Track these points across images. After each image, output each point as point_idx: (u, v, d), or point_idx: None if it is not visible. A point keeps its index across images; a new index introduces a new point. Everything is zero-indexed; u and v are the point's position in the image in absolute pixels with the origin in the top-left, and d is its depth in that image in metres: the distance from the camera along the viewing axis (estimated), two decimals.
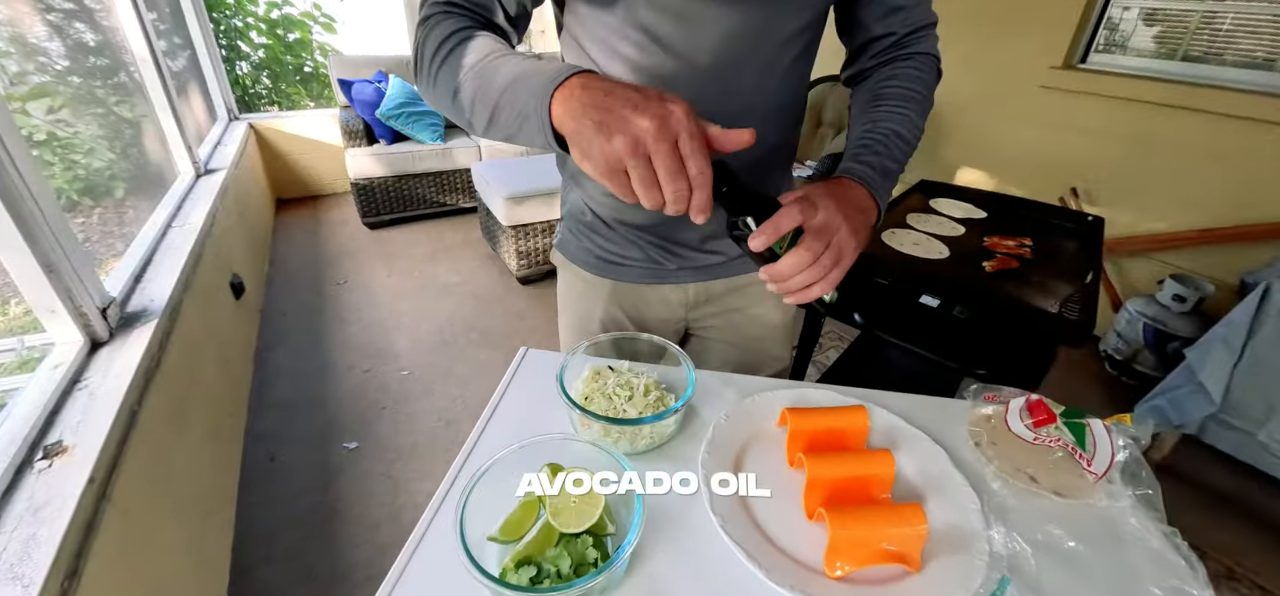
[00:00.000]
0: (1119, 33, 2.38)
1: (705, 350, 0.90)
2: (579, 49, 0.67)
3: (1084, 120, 2.37)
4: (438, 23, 0.57)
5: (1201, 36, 2.16)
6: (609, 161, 0.43)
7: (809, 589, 0.45)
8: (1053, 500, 0.56)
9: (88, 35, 1.90)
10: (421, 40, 0.58)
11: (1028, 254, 1.18)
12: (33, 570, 0.77)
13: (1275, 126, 1.93)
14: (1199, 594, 0.47)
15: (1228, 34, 2.10)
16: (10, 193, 1.03)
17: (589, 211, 0.80)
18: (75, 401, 1.07)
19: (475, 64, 0.53)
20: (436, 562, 0.50)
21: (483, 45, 0.54)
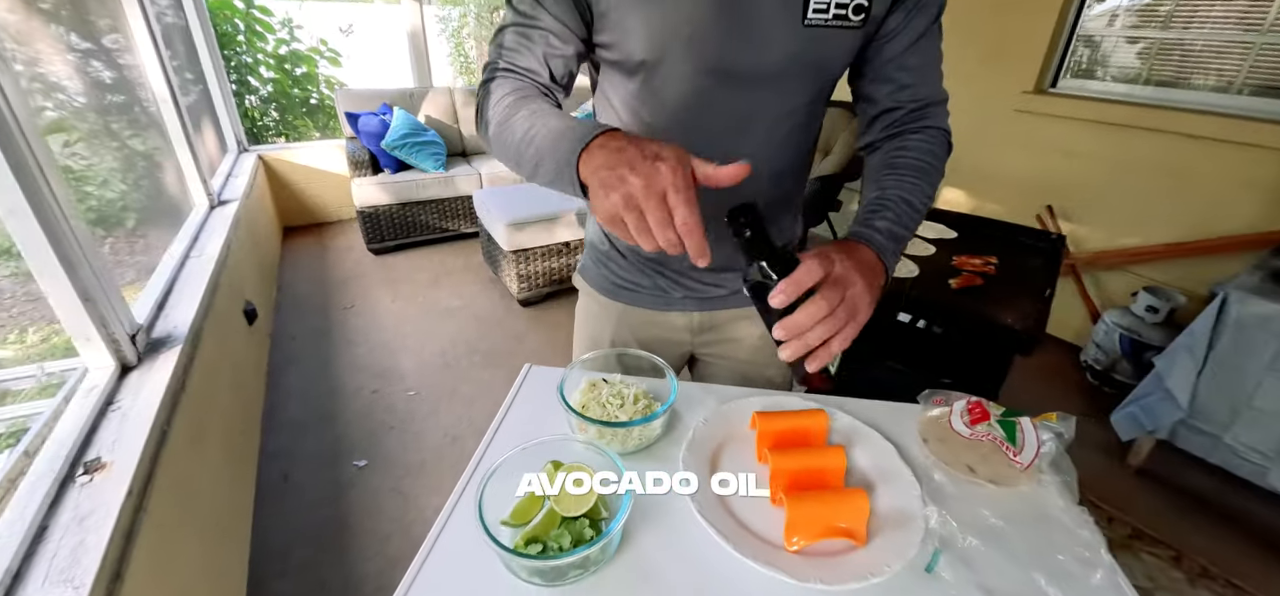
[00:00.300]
0: (1087, 58, 2.51)
1: (709, 374, 0.99)
2: (608, 106, 0.77)
3: (1057, 142, 2.50)
4: (497, 84, 0.68)
5: (1170, 60, 2.29)
6: (609, 214, 0.49)
7: (771, 560, 0.54)
8: (988, 487, 0.65)
9: (106, 73, 2.01)
10: (482, 99, 0.69)
11: (992, 271, 1.28)
12: (82, 574, 0.85)
13: (1235, 145, 2.05)
14: (1098, 557, 0.55)
15: (1197, 58, 2.23)
16: (53, 228, 1.12)
17: (606, 240, 0.90)
18: (110, 421, 1.16)
19: (526, 123, 0.61)
20: (451, 563, 0.57)
21: (533, 107, 0.63)
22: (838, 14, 0.63)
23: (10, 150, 1.02)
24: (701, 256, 0.49)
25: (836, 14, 0.63)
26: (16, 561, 0.85)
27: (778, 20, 0.63)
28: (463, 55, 7.05)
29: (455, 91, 3.83)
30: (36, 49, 1.62)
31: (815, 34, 0.64)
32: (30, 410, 1.30)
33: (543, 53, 0.67)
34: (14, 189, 1.04)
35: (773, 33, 0.64)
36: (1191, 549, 1.68)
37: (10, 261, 1.83)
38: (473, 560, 0.56)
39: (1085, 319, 2.56)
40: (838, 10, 0.63)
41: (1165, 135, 2.20)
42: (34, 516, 0.91)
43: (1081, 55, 2.52)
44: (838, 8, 0.63)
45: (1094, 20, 2.45)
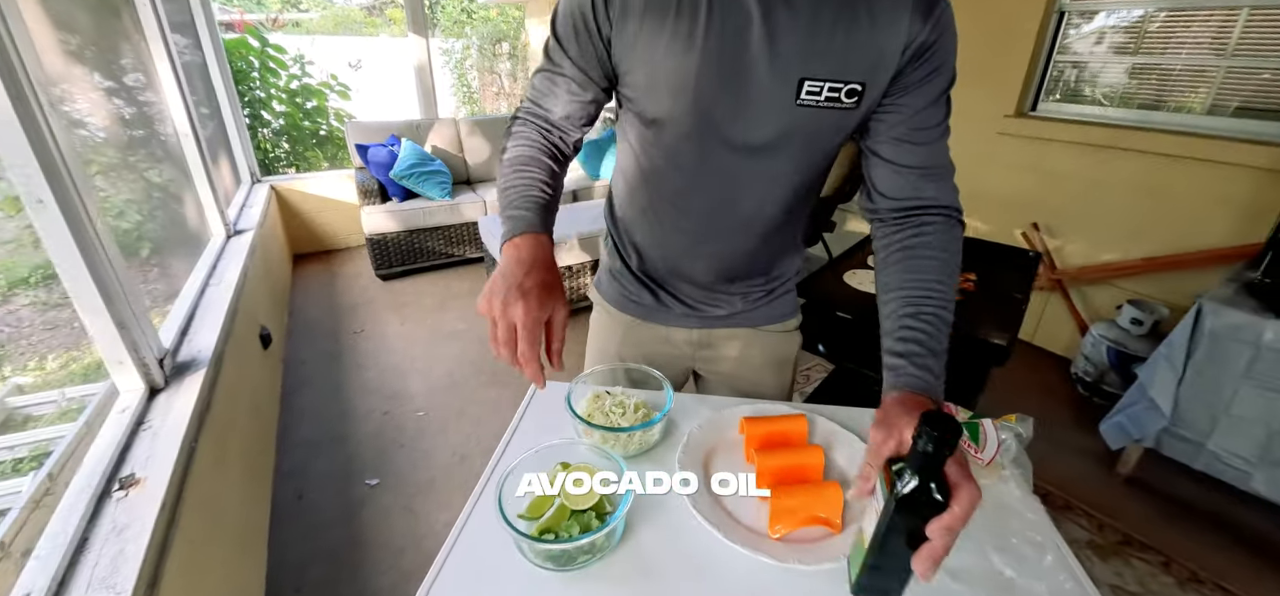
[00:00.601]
0: (1066, 82, 2.62)
1: (709, 388, 1.07)
2: (625, 141, 0.85)
3: (1039, 162, 2.60)
4: (517, 126, 0.80)
5: (1147, 83, 2.40)
6: (480, 307, 0.63)
7: (757, 546, 0.61)
8: None
9: (127, 109, 2.10)
10: (506, 136, 0.81)
11: (971, 287, 1.36)
12: (123, 581, 0.92)
13: (1208, 164, 2.14)
14: (1049, 540, 0.62)
15: (1172, 80, 2.33)
16: (96, 262, 1.20)
17: (618, 259, 0.98)
18: (142, 440, 1.23)
19: (507, 182, 0.74)
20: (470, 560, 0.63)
21: (522, 175, 0.74)
22: (830, 97, 0.66)
23: (61, 193, 1.11)
24: (535, 380, 0.62)
25: (829, 97, 0.66)
26: (62, 568, 0.92)
27: (773, 99, 0.67)
28: (465, 85, 7.24)
29: (460, 122, 3.96)
30: (63, 88, 1.73)
31: (808, 113, 0.68)
32: (52, 434, 1.37)
33: (565, 97, 0.76)
34: (61, 224, 1.13)
35: (767, 111, 0.68)
36: (1180, 554, 1.72)
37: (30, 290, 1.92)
38: (490, 558, 0.63)
39: (1074, 333, 2.63)
40: (831, 93, 0.66)
41: (1143, 155, 2.30)
42: (76, 528, 0.98)
43: (1066, 77, 2.63)
44: (831, 91, 0.66)
45: (1073, 45, 2.56)
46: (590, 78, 0.74)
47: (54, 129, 1.14)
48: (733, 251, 0.87)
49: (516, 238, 0.67)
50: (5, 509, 1.09)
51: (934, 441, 0.44)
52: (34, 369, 1.75)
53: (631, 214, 0.91)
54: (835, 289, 1.37)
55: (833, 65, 0.65)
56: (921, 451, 0.45)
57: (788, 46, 0.64)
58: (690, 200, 0.80)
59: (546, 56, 0.77)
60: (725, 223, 0.82)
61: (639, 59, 0.69)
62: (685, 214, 0.83)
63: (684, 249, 0.88)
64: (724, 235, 0.84)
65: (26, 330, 1.84)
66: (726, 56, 0.65)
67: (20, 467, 1.34)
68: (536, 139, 0.78)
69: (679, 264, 0.91)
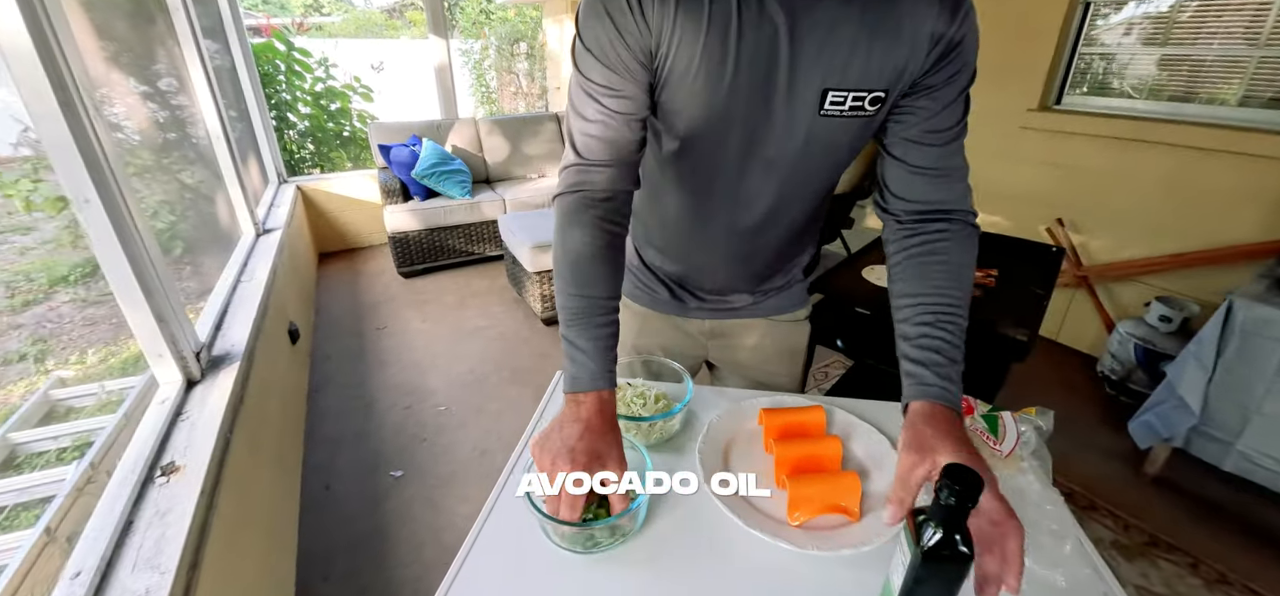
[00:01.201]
0: (1091, 75, 2.57)
1: (723, 378, 1.09)
2: (650, 151, 0.80)
3: (1063, 156, 2.55)
4: (566, 205, 0.72)
5: (1176, 74, 2.34)
6: (532, 451, 0.66)
7: (776, 533, 0.62)
8: None
9: (160, 113, 2.18)
10: (555, 216, 0.74)
11: (991, 283, 1.35)
12: (166, 561, 0.96)
13: (1239, 156, 2.09)
14: (1067, 530, 0.63)
15: (1201, 71, 2.28)
16: (137, 259, 1.25)
17: (636, 257, 1.00)
18: (180, 430, 1.28)
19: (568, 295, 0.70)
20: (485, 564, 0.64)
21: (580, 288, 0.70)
22: (854, 107, 0.66)
23: (105, 193, 1.16)
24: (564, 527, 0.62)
25: (852, 107, 0.66)
26: (110, 549, 0.96)
27: (798, 112, 0.67)
28: (484, 85, 7.32)
29: (479, 122, 4.01)
30: (103, 92, 1.80)
31: (830, 123, 0.67)
32: (93, 425, 1.43)
33: (610, 144, 0.70)
34: (105, 222, 1.18)
35: (792, 123, 0.68)
36: (1209, 555, 1.69)
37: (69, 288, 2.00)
38: (507, 561, 0.64)
39: (1100, 330, 2.58)
40: (854, 102, 0.66)
41: (1172, 148, 2.25)
42: (122, 511, 1.02)
43: (1093, 69, 2.58)
44: (855, 100, 0.65)
45: (1098, 36, 2.51)
46: (633, 98, 0.68)
47: (98, 132, 1.20)
48: (754, 255, 0.88)
49: (580, 394, 0.66)
50: (50, 496, 1.15)
51: (957, 496, 0.45)
52: (75, 363, 1.82)
53: (653, 221, 0.93)
54: (854, 285, 1.37)
55: (856, 75, 0.64)
56: (944, 504, 0.46)
57: (812, 59, 0.63)
58: (714, 210, 0.81)
59: (581, 99, 0.69)
60: (748, 230, 0.83)
61: (673, 79, 0.66)
62: (709, 223, 0.83)
63: (706, 255, 0.90)
64: (746, 241, 0.85)
65: (67, 326, 1.92)
66: (756, 71, 0.64)
67: (64, 456, 1.40)
68: (598, 228, 0.71)
69: (699, 267, 0.93)
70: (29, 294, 1.91)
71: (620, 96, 0.67)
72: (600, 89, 0.67)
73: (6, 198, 1.87)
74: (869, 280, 1.39)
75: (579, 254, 0.70)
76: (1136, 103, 2.43)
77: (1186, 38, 2.29)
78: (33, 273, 1.94)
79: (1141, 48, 2.42)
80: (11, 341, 1.76)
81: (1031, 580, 0.59)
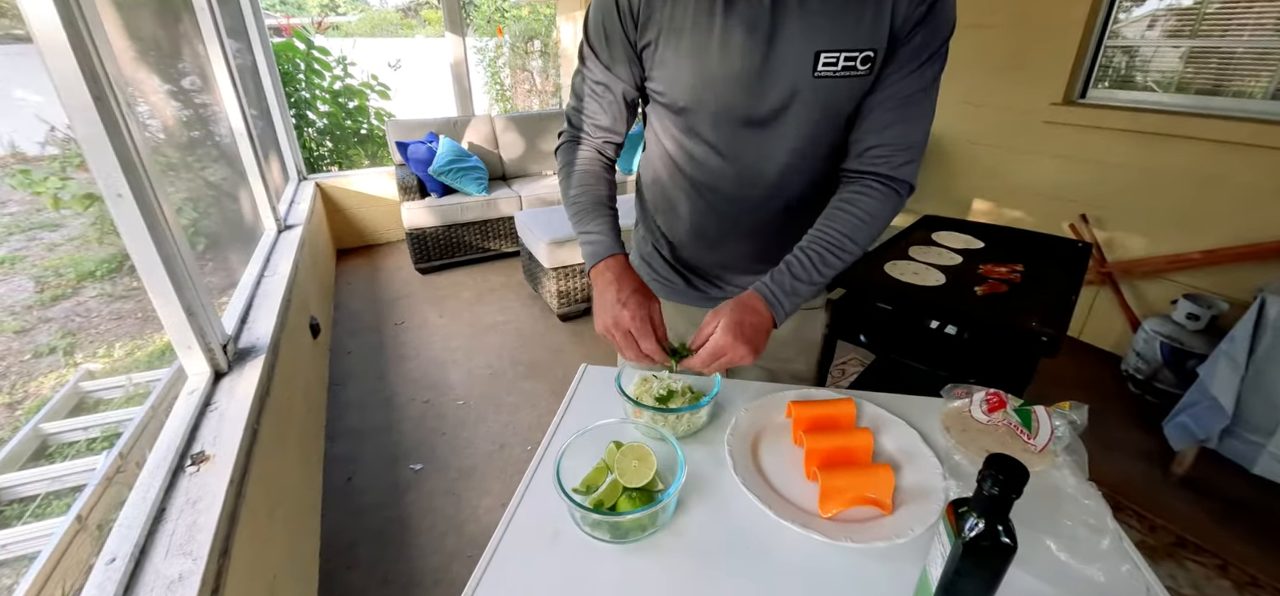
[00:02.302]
0: (1120, 68, 2.52)
1: (741, 370, 1.08)
2: (653, 133, 0.91)
3: (1088, 151, 2.51)
4: (563, 149, 0.92)
5: (1203, 67, 2.29)
6: (599, 329, 0.80)
7: (808, 524, 0.62)
8: None
9: (184, 112, 2.22)
10: (557, 157, 0.94)
11: (1017, 279, 1.33)
12: (198, 548, 0.98)
13: (1269, 150, 2.04)
14: (1104, 525, 0.62)
15: (1230, 64, 2.23)
16: (166, 252, 1.27)
17: (648, 242, 1.03)
18: (209, 420, 1.30)
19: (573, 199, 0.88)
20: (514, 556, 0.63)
21: (583, 193, 0.87)
22: (846, 67, 0.71)
23: (136, 187, 1.18)
24: (666, 365, 0.77)
25: (845, 67, 0.71)
26: (143, 536, 0.98)
27: (792, 74, 0.72)
28: (498, 83, 7.35)
29: (495, 119, 4.03)
30: (133, 90, 1.83)
31: (824, 84, 0.72)
32: (122, 416, 1.46)
33: (605, 102, 0.85)
34: (136, 216, 1.20)
35: (787, 85, 0.73)
36: (1238, 558, 1.66)
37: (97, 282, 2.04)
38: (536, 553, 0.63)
39: (1124, 328, 2.54)
40: (846, 62, 0.70)
41: (1199, 142, 2.20)
42: (155, 499, 1.04)
43: (1117, 63, 2.53)
44: (846, 61, 0.70)
45: (1124, 29, 2.47)
46: (620, 77, 0.82)
47: (130, 126, 1.22)
48: (762, 230, 0.90)
49: (600, 263, 0.81)
50: (81, 485, 1.17)
51: (1000, 486, 0.44)
52: (103, 356, 1.86)
53: (662, 204, 0.96)
54: (876, 279, 1.36)
55: (847, 37, 0.69)
56: (987, 495, 0.45)
57: (803, 21, 0.69)
58: (719, 182, 0.85)
59: (581, 62, 0.85)
60: (753, 201, 0.86)
61: (665, 48, 0.75)
62: (714, 196, 0.87)
63: (715, 232, 0.92)
64: (753, 214, 0.88)
65: (95, 320, 1.96)
66: (747, 36, 0.70)
67: (93, 446, 1.43)
68: (590, 155, 0.89)
69: (711, 248, 0.95)
70: (58, 289, 1.96)
71: (611, 72, 0.81)
72: (595, 59, 0.81)
73: (36, 195, 1.92)
74: (892, 275, 1.38)
75: (579, 170, 0.88)
76: (1163, 97, 2.38)
77: (1214, 29, 2.24)
78: (61, 268, 1.99)
79: (1168, 41, 2.37)
80: (42, 334, 1.81)
81: (1068, 576, 0.58)
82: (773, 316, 0.75)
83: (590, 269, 0.82)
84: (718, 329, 0.72)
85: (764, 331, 0.74)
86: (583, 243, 0.85)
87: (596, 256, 0.82)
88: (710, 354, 0.72)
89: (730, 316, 0.72)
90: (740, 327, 0.72)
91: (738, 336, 0.71)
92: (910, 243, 1.61)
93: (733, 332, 0.71)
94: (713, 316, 0.74)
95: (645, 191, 1.01)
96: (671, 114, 0.83)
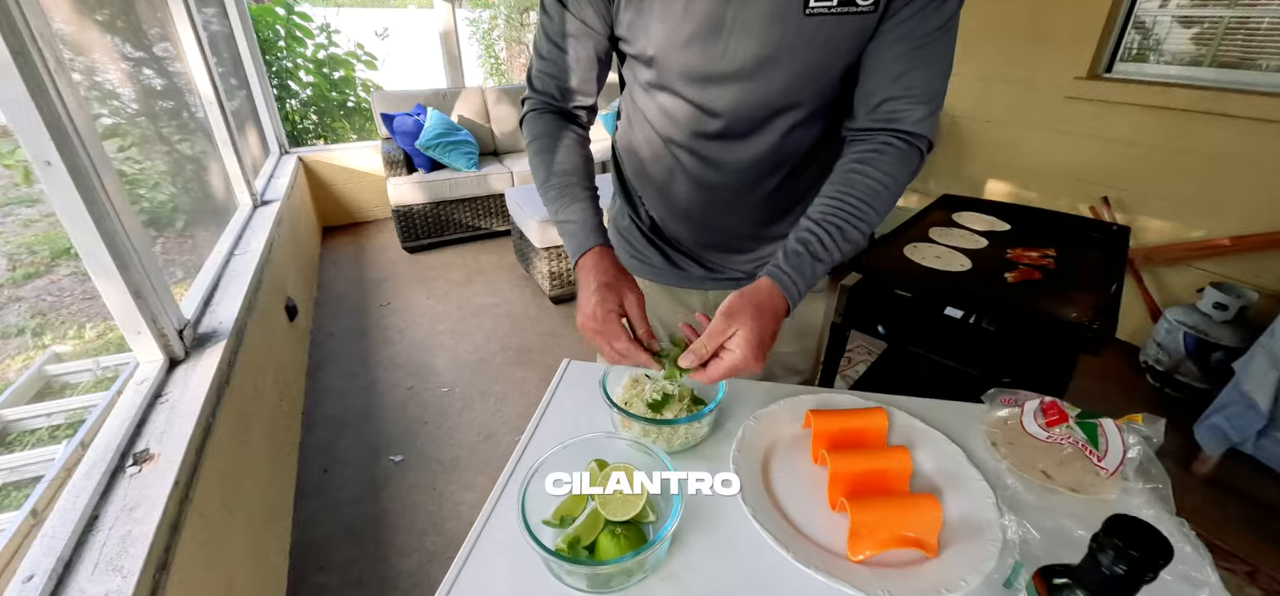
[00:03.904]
0: (1149, 39, 2.37)
1: None
2: (629, 94, 0.81)
3: (1112, 129, 2.36)
4: (529, 120, 0.79)
5: (1235, 41, 2.14)
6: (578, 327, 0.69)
7: (833, 570, 0.50)
8: (1067, 496, 0.60)
9: (156, 80, 2.07)
10: (522, 127, 0.81)
11: (1051, 264, 1.20)
12: (130, 562, 0.86)
13: None
14: (1205, 578, 0.50)
15: (1264, 36, 2.08)
16: (107, 229, 1.14)
17: (625, 216, 0.92)
18: (158, 414, 1.18)
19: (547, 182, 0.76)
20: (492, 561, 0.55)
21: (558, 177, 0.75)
22: (845, 2, 0.59)
23: (69, 155, 1.05)
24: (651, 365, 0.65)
25: (843, 2, 0.59)
26: (68, 549, 0.87)
27: (779, 13, 0.61)
28: (493, 56, 7.13)
29: (487, 91, 3.86)
30: (93, 57, 1.68)
31: (818, 25, 0.61)
32: (86, 402, 1.35)
33: (572, 57, 0.74)
34: (70, 187, 1.07)
35: (771, 25, 0.62)
36: (1269, 565, 1.56)
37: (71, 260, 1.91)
38: (514, 560, 0.54)
39: (1144, 317, 2.41)
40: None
41: (1233, 120, 2.05)
42: (86, 506, 0.93)
43: (1149, 36, 2.37)
44: None
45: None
46: (591, 26, 0.71)
47: (61, 88, 1.08)
48: (750, 200, 0.79)
49: (580, 257, 0.72)
50: (40, 475, 1.08)
51: (1130, 564, 0.31)
52: (72, 338, 1.75)
53: (639, 171, 0.86)
54: (895, 264, 1.23)
55: None
56: (1106, 573, 0.32)
57: None
58: (700, 145, 0.74)
59: (544, 12, 0.74)
60: (739, 167, 0.75)
61: None
62: (694, 162, 0.76)
63: (698, 203, 0.81)
64: (739, 182, 0.77)
65: (67, 300, 1.85)
66: None
67: (57, 434, 1.33)
68: (561, 125, 0.78)
69: (693, 221, 0.84)
70: (30, 267, 1.85)
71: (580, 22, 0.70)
72: (560, 9, 0.70)
73: (7, 168, 1.80)
74: (912, 259, 1.25)
75: (550, 143, 0.76)
76: (1197, 71, 2.23)
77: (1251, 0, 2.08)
78: (35, 245, 1.88)
79: (1202, 10, 2.21)
80: (11, 314, 1.72)
81: None
82: (788, 306, 0.64)
83: (573, 263, 0.73)
84: (737, 341, 0.59)
85: (777, 330, 0.62)
86: (562, 234, 0.75)
87: (579, 249, 0.72)
88: (727, 372, 0.60)
89: (753, 327, 0.59)
90: (763, 342, 0.60)
91: (760, 354, 0.59)
92: (929, 224, 1.48)
93: (756, 350, 0.59)
94: (726, 319, 0.60)
95: (622, 159, 0.90)
96: (643, 66, 0.72)
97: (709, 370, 0.60)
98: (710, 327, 0.61)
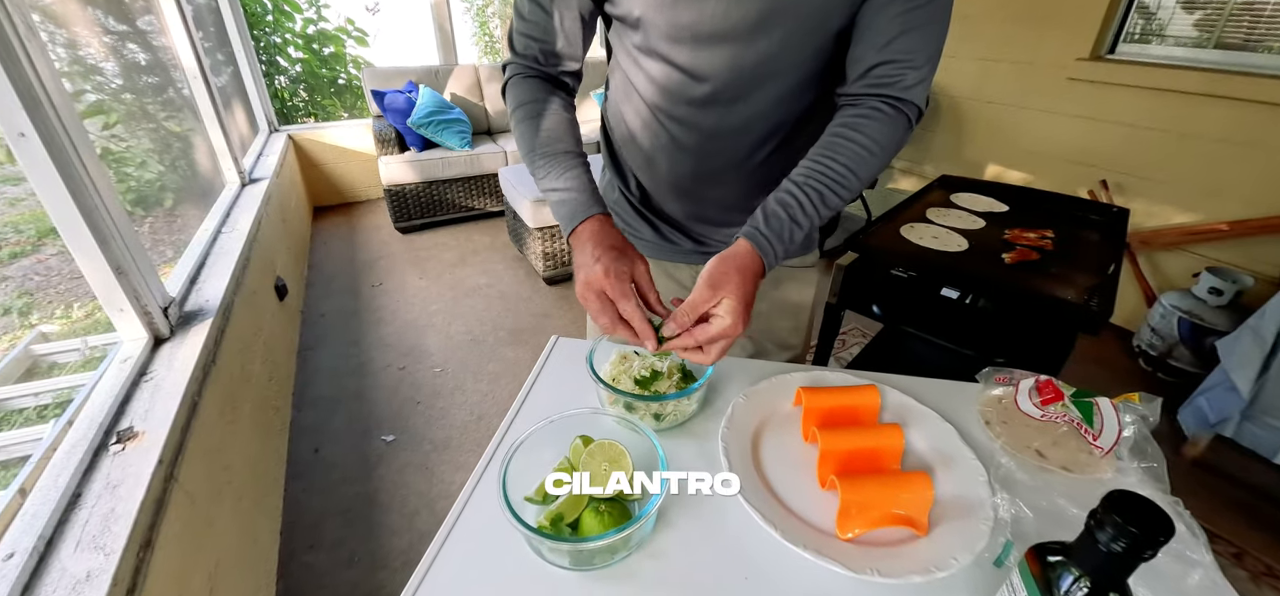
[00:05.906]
0: (1153, 22, 2.34)
1: None
2: (616, 63, 0.78)
3: (1113, 112, 2.34)
4: (512, 86, 0.74)
5: (1240, 22, 2.11)
6: (578, 293, 0.64)
7: (822, 549, 0.49)
8: (1061, 475, 0.59)
9: (141, 55, 2.02)
10: (505, 96, 0.76)
11: (1049, 246, 1.19)
12: (113, 540, 0.85)
13: None
14: (1199, 557, 0.49)
15: (1269, 18, 2.05)
16: (86, 203, 1.12)
17: (615, 189, 0.90)
18: (143, 392, 1.16)
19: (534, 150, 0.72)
20: (474, 539, 0.55)
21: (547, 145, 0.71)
22: None
23: (46, 131, 1.02)
24: (647, 339, 0.59)
25: None
26: (51, 527, 0.86)
27: None
28: (487, 34, 7.02)
29: (480, 69, 3.79)
30: (74, 32, 1.64)
31: None
32: (74, 382, 1.33)
33: (556, 18, 0.70)
34: (46, 160, 1.04)
35: None
36: (1255, 547, 1.57)
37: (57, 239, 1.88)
38: (496, 537, 0.53)
39: (1138, 301, 2.41)
40: None
41: (1235, 102, 2.03)
42: (68, 483, 0.91)
43: (1152, 17, 2.34)
44: None
45: None
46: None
47: (32, 55, 1.05)
48: (742, 170, 0.77)
49: (576, 228, 0.67)
50: (28, 454, 1.07)
51: (1130, 541, 0.31)
52: (60, 317, 1.72)
53: (629, 141, 0.83)
54: (892, 244, 1.21)
55: None
56: (1104, 550, 0.32)
57: None
58: (690, 113, 0.72)
59: None
60: (731, 135, 0.73)
61: None
62: (684, 130, 0.74)
63: (689, 173, 0.79)
64: (730, 151, 0.75)
65: (55, 279, 1.82)
66: None
67: (44, 414, 1.31)
68: (547, 90, 0.74)
69: (685, 192, 0.82)
70: (17, 246, 1.82)
71: None
72: None
73: None
74: (909, 239, 1.23)
75: (536, 110, 0.72)
76: (1201, 52, 2.20)
77: None
78: (22, 224, 1.85)
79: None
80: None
81: None
82: (763, 267, 0.62)
83: (568, 233, 0.68)
84: (725, 308, 0.57)
85: (756, 292, 0.61)
86: (554, 203, 0.70)
87: (573, 218, 0.68)
88: (717, 338, 0.57)
89: (739, 294, 0.57)
90: (748, 306, 0.58)
91: (746, 316, 0.58)
92: (927, 204, 1.46)
93: (743, 315, 0.57)
94: (709, 287, 0.58)
95: (611, 131, 0.88)
96: (630, 29, 0.69)
97: (705, 350, 0.58)
98: (694, 296, 0.59)
